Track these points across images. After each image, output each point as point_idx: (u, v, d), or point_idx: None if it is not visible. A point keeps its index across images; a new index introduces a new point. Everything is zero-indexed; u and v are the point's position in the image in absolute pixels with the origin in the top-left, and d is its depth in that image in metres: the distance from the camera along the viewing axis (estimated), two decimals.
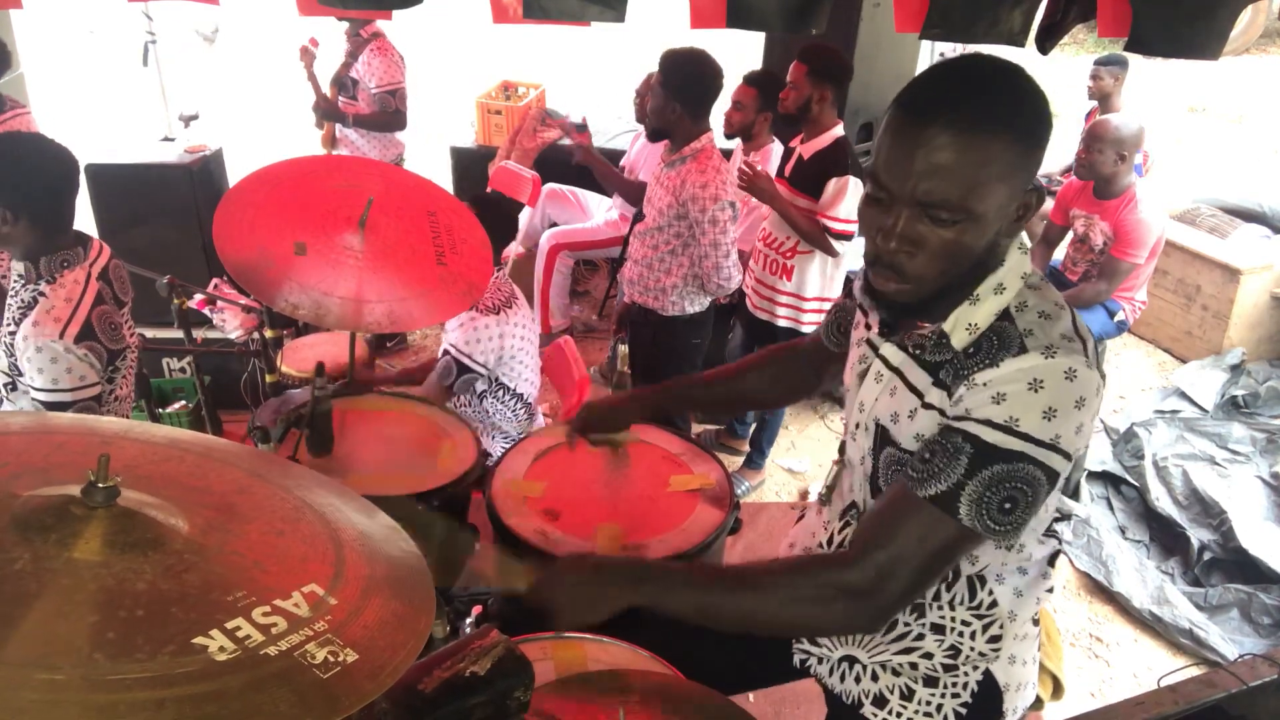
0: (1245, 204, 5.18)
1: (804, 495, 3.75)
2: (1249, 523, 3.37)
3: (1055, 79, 8.85)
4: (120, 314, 2.17)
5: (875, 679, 1.42)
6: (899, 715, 1.40)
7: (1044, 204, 1.19)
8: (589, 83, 8.23)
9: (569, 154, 4.22)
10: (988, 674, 1.36)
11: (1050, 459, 1.12)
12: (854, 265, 3.47)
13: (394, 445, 2.20)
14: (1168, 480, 3.66)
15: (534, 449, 2.12)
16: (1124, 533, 3.55)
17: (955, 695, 1.37)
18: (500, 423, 2.73)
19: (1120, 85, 5.07)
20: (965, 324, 1.19)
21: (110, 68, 8.98)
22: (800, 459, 3.91)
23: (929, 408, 1.21)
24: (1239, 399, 4.20)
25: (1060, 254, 4.00)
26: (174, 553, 0.85)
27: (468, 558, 1.92)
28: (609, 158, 4.39)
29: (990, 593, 1.32)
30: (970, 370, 1.16)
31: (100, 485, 0.84)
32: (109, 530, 0.83)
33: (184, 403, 3.55)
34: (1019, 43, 1.96)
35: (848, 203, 3.08)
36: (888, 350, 1.31)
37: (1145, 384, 4.61)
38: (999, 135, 1.10)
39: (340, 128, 4.58)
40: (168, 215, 4.21)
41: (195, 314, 3.02)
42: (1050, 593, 1.40)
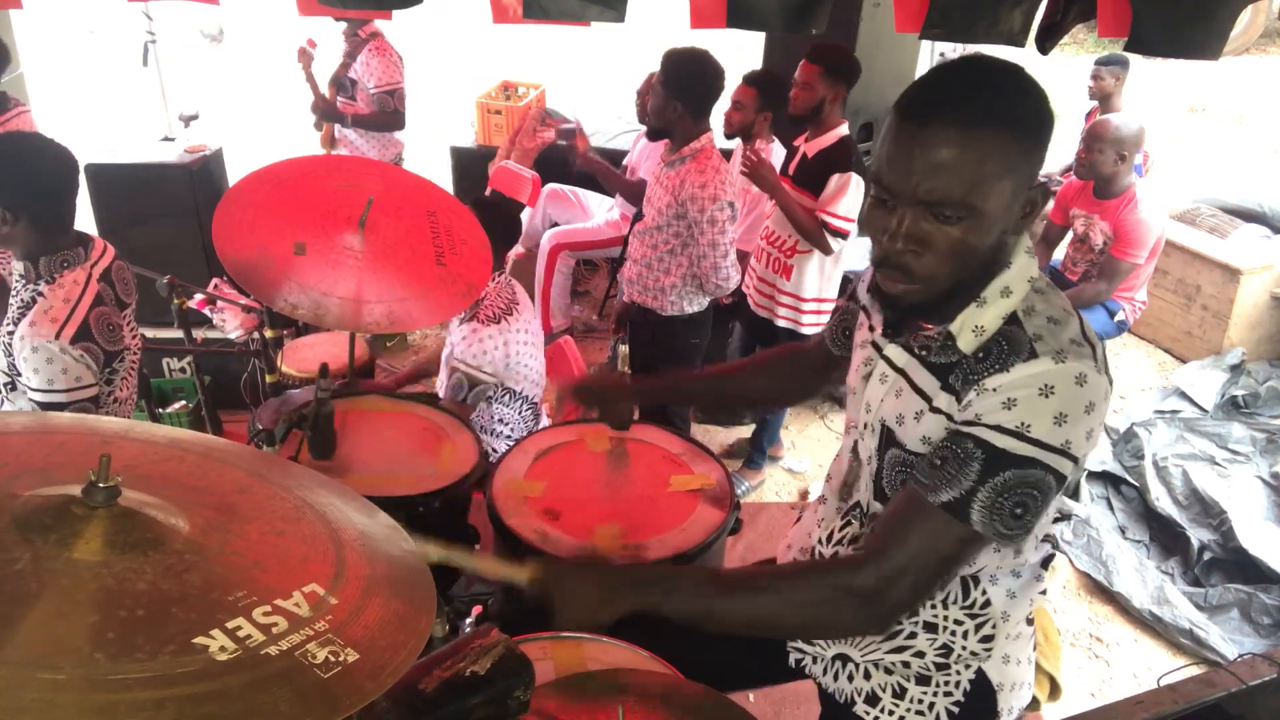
0: (1245, 204, 5.18)
1: (804, 495, 3.75)
2: (1249, 523, 3.37)
3: (1055, 79, 8.84)
4: (121, 315, 2.16)
5: (868, 677, 1.42)
6: (891, 713, 1.40)
7: (1049, 202, 1.19)
8: (589, 83, 8.22)
9: (569, 155, 4.21)
10: (980, 673, 1.36)
11: (1060, 464, 1.13)
12: (851, 266, 3.47)
13: (395, 446, 2.20)
14: (1168, 480, 3.66)
15: (534, 449, 2.12)
16: (1124, 533, 3.55)
17: (948, 694, 1.37)
18: (505, 425, 2.73)
19: (1121, 85, 5.07)
20: (972, 326, 1.19)
21: (110, 68, 8.97)
22: (800, 459, 3.91)
23: (936, 412, 1.21)
24: (1239, 399, 4.20)
25: (1060, 254, 4.00)
26: (174, 552, 0.85)
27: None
28: (610, 158, 4.39)
29: (984, 593, 1.32)
30: (980, 375, 1.16)
31: (101, 485, 0.84)
32: (109, 530, 0.83)
33: (184, 403, 3.55)
34: (1019, 43, 1.96)
35: (848, 199, 3.07)
36: (892, 351, 1.31)
37: (1145, 384, 4.61)
38: (999, 131, 1.10)
39: (339, 128, 4.58)
40: (168, 215, 4.21)
41: (195, 314, 3.02)
42: (1044, 595, 1.40)
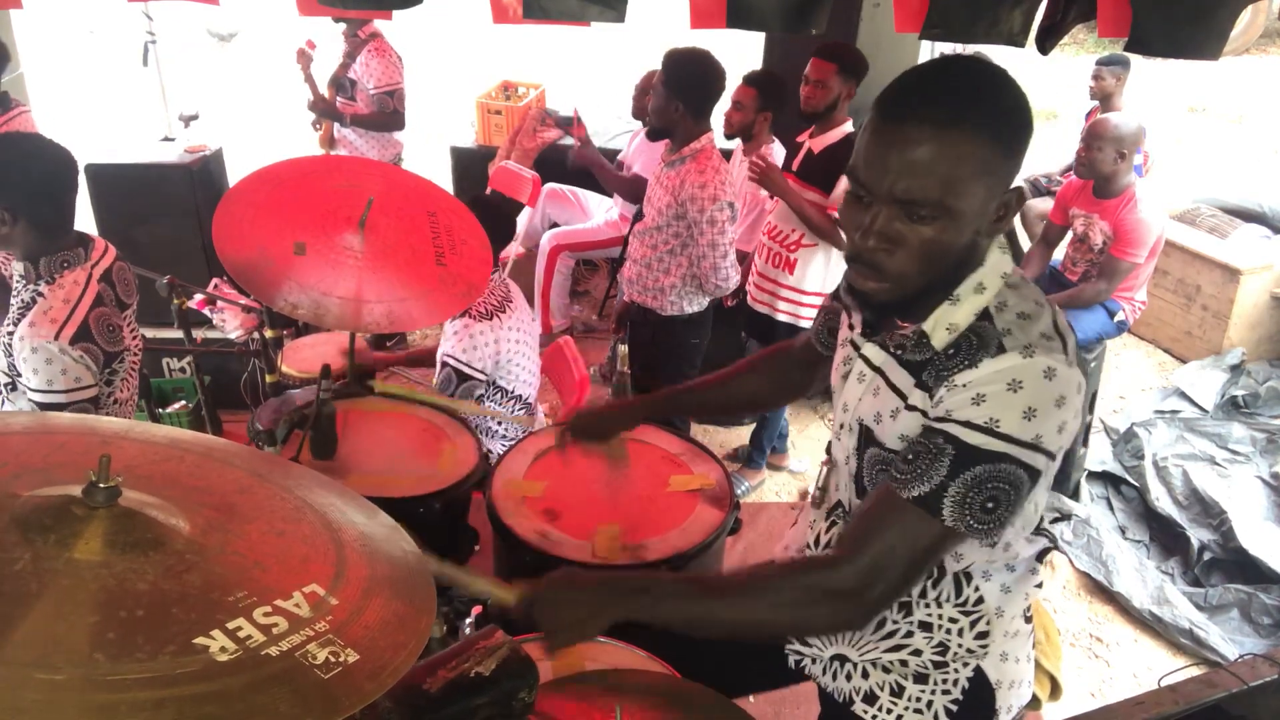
0: (1245, 204, 5.17)
1: (804, 495, 3.75)
2: (1249, 523, 3.37)
3: (1055, 79, 8.85)
4: (121, 316, 2.16)
5: (866, 676, 1.42)
6: (889, 712, 1.40)
7: (1024, 204, 1.19)
8: (589, 83, 8.23)
9: (567, 152, 4.22)
10: (978, 671, 1.36)
11: (1032, 458, 1.13)
12: None
13: (395, 447, 2.20)
14: (1168, 480, 3.66)
15: (534, 449, 2.12)
16: (1124, 533, 3.55)
17: (945, 692, 1.37)
18: (499, 425, 2.73)
19: (1122, 85, 5.07)
20: (945, 324, 1.19)
21: (110, 68, 8.98)
22: (800, 459, 3.91)
23: (912, 409, 1.22)
24: (1239, 399, 4.20)
25: (1060, 254, 4.00)
26: (175, 553, 0.85)
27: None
28: (609, 157, 4.39)
29: (976, 589, 1.32)
30: (950, 371, 1.17)
31: (101, 485, 0.84)
32: (110, 530, 0.83)
33: (184, 403, 3.55)
34: (1019, 43, 1.96)
35: None
36: (869, 350, 1.31)
37: (1145, 384, 4.61)
38: (975, 133, 1.10)
39: (338, 128, 4.58)
40: (168, 215, 4.21)
41: (195, 314, 3.02)
42: (1039, 589, 1.40)
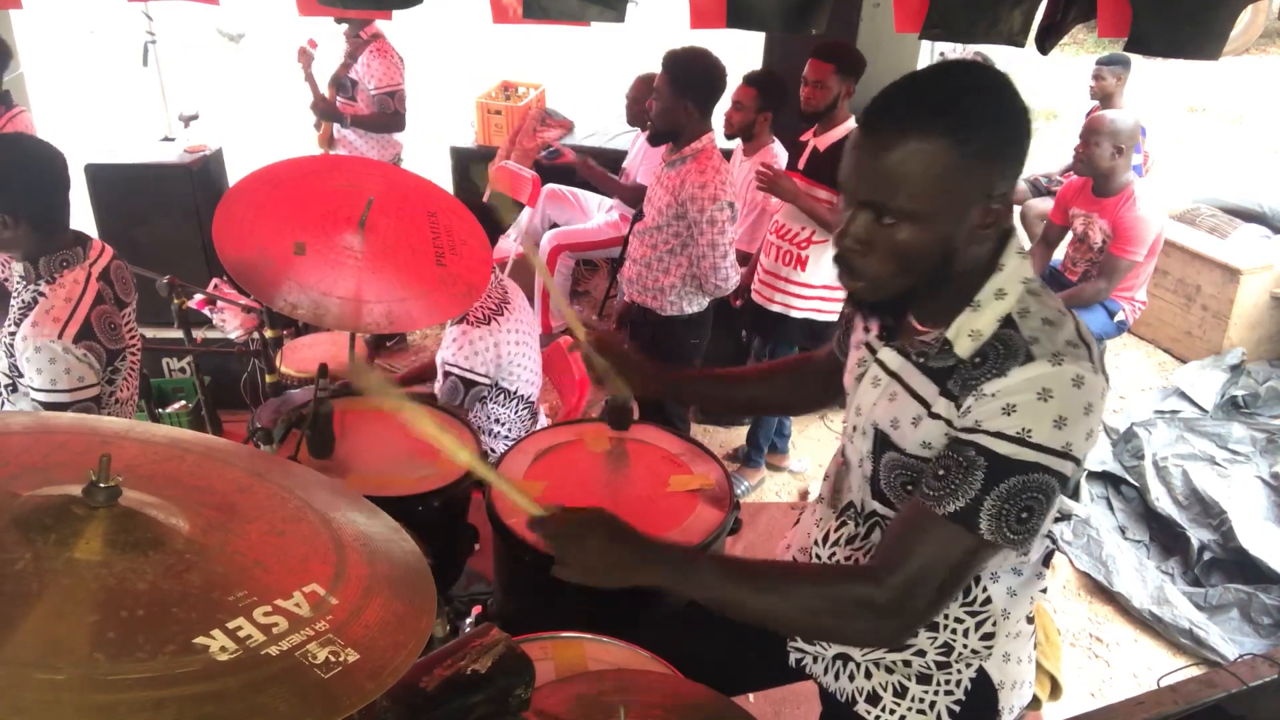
0: (1245, 204, 5.17)
1: (804, 495, 3.75)
2: (1249, 523, 3.37)
3: (1055, 79, 8.85)
4: (121, 315, 2.17)
5: (869, 676, 1.42)
6: (892, 712, 1.40)
7: (1013, 212, 1.20)
8: (589, 83, 8.22)
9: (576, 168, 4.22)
10: (981, 671, 1.36)
11: (1062, 466, 1.13)
12: None
13: (394, 446, 2.20)
14: (1168, 480, 3.66)
15: (534, 449, 2.12)
16: (1124, 533, 3.55)
17: (949, 692, 1.37)
18: (501, 425, 2.73)
19: (1123, 85, 5.07)
20: (968, 331, 1.19)
21: (110, 68, 8.98)
22: (800, 459, 3.91)
23: (935, 417, 1.21)
24: (1239, 399, 4.20)
25: (1060, 254, 4.00)
26: (175, 552, 0.85)
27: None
28: (609, 158, 4.39)
29: (984, 590, 1.32)
30: (978, 380, 1.16)
31: (101, 485, 0.84)
32: (110, 530, 0.83)
33: (184, 403, 3.55)
34: (1019, 43, 1.96)
35: None
36: (886, 355, 1.31)
37: (1145, 384, 4.61)
38: (938, 140, 1.10)
39: (338, 128, 4.58)
40: (168, 215, 4.20)
41: (195, 314, 3.02)
42: (1044, 592, 1.40)
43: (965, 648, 1.34)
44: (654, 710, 1.32)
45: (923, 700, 1.38)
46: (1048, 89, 8.67)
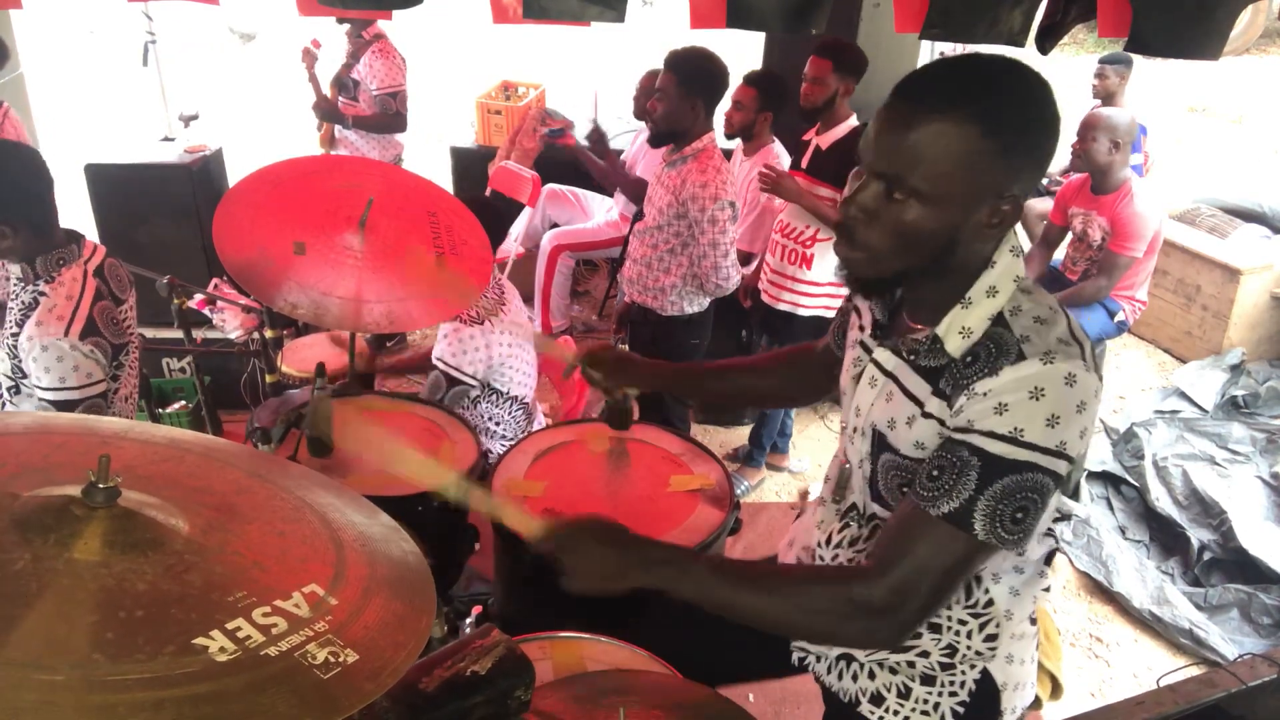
0: (1245, 204, 5.18)
1: (804, 495, 3.75)
2: (1249, 523, 3.37)
3: (1055, 79, 8.83)
4: (119, 311, 2.17)
5: (872, 677, 1.42)
6: (896, 713, 1.40)
7: (1021, 214, 1.20)
8: (589, 83, 8.22)
9: (569, 154, 4.22)
10: (985, 673, 1.36)
11: (1056, 465, 1.13)
12: None
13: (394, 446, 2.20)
14: (1168, 480, 3.65)
15: (534, 449, 2.12)
16: (1124, 533, 3.54)
17: (953, 694, 1.37)
18: (497, 425, 2.73)
19: (1125, 84, 5.08)
20: (959, 329, 1.19)
21: (110, 68, 8.98)
22: (800, 459, 3.91)
23: (929, 417, 1.21)
24: (1239, 399, 4.20)
25: (1060, 254, 4.00)
26: (174, 553, 0.85)
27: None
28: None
29: (986, 591, 1.32)
30: (969, 379, 1.16)
31: (101, 485, 0.84)
32: (109, 530, 0.83)
33: (184, 403, 3.55)
34: (1019, 43, 1.96)
35: None
36: (881, 354, 1.31)
37: (1145, 384, 4.61)
38: (962, 123, 1.10)
39: (339, 128, 4.58)
40: (168, 215, 4.21)
41: (195, 314, 3.02)
42: (1047, 591, 1.40)
43: (969, 649, 1.34)
44: (654, 710, 1.32)
45: (926, 701, 1.38)
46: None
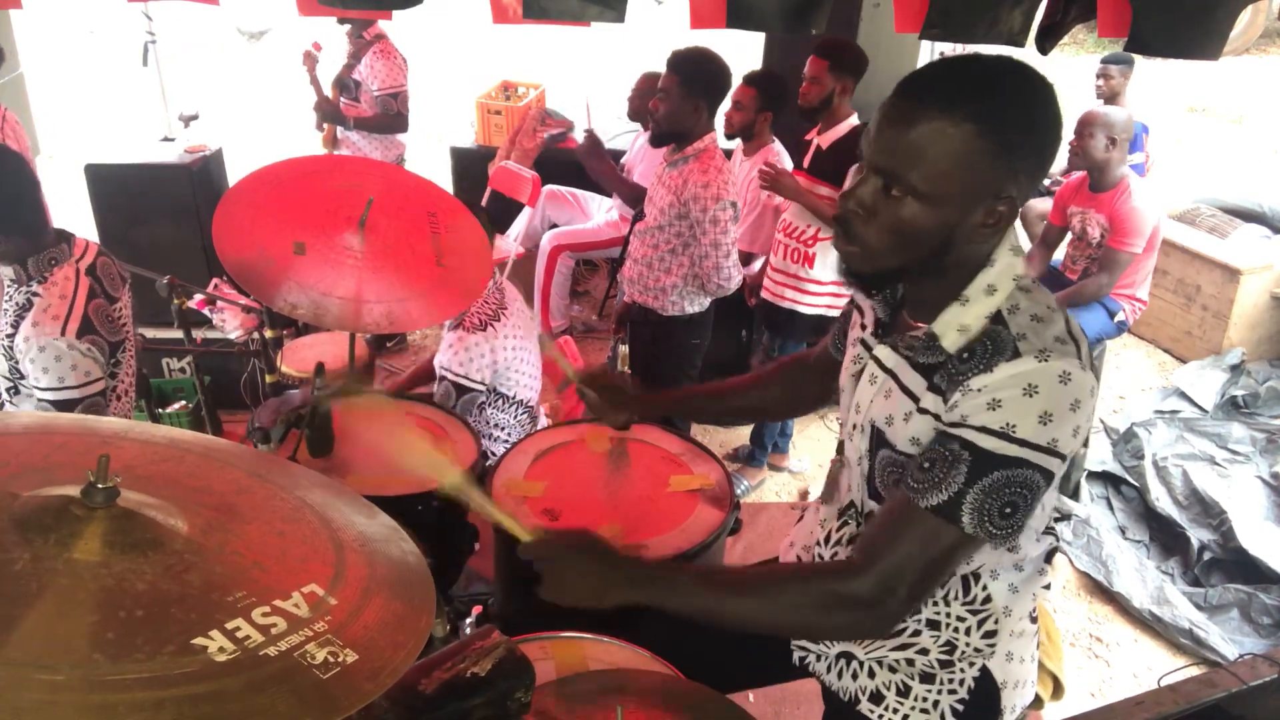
0: (1245, 204, 5.17)
1: (804, 495, 3.75)
2: (1249, 523, 3.37)
3: (1055, 79, 8.83)
4: (113, 308, 2.17)
5: (872, 675, 1.42)
6: (895, 711, 1.40)
7: (1016, 215, 1.21)
8: (589, 83, 8.22)
9: (570, 154, 4.22)
10: (984, 670, 1.36)
11: (1048, 462, 1.13)
12: None
13: (394, 446, 2.19)
14: (1168, 480, 3.65)
15: (534, 449, 2.12)
16: (1124, 533, 3.54)
17: (952, 691, 1.37)
18: (502, 430, 2.73)
19: (1127, 84, 5.09)
20: (956, 326, 1.19)
21: (110, 68, 8.98)
22: (800, 459, 3.91)
23: (924, 413, 1.21)
24: (1239, 399, 4.20)
25: (1060, 254, 4.00)
26: (174, 553, 0.85)
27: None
28: (611, 159, 4.38)
29: (985, 589, 1.32)
30: (964, 375, 1.16)
31: (100, 485, 0.84)
32: (109, 530, 0.83)
33: (184, 403, 3.55)
34: (1019, 43, 1.95)
35: None
36: (881, 352, 1.31)
37: (1145, 384, 4.61)
38: (962, 123, 1.10)
39: (341, 129, 4.58)
40: (168, 215, 4.21)
41: (195, 314, 3.02)
42: (1047, 589, 1.40)
43: (968, 646, 1.34)
44: (654, 710, 1.32)
45: (926, 699, 1.38)
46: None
